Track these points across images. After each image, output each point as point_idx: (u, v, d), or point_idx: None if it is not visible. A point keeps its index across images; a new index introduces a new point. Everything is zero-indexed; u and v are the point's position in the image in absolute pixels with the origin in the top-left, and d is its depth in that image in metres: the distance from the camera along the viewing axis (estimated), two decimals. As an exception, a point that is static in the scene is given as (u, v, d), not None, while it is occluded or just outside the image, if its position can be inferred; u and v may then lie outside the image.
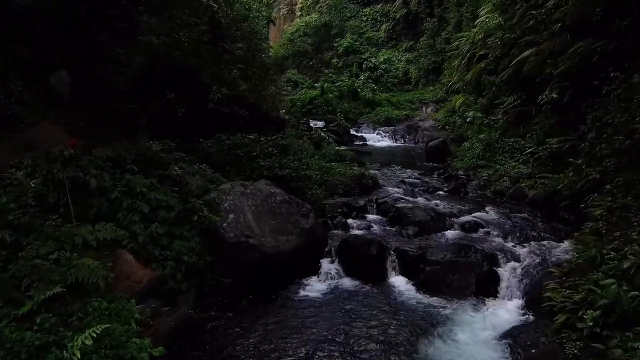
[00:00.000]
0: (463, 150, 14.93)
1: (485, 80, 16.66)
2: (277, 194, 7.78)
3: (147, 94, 10.81)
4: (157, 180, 6.74)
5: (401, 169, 13.71)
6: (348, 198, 10.22)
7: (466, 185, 11.48)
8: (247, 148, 8.94)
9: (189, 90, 11.43)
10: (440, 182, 12.25)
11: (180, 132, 10.93)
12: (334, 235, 8.17)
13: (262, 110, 13.91)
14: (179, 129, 10.94)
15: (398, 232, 8.37)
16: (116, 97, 9.81)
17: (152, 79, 10.88)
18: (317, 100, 25.67)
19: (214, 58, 12.83)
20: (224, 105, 11.89)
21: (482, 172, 12.42)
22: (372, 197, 10.35)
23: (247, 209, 7.40)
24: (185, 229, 6.48)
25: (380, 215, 9.35)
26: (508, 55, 14.96)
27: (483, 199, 10.67)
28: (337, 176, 10.98)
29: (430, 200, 10.22)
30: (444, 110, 22.46)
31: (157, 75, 11.04)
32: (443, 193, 11.04)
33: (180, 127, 10.98)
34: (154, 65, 10.98)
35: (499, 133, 13.32)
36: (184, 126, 10.80)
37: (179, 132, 10.83)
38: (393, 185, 11.71)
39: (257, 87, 15.27)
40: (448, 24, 29.25)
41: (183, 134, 10.95)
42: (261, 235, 7.14)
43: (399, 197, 10.39)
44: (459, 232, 8.42)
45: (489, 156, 13.09)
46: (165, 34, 11.14)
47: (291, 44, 37.19)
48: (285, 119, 15.64)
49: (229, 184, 7.82)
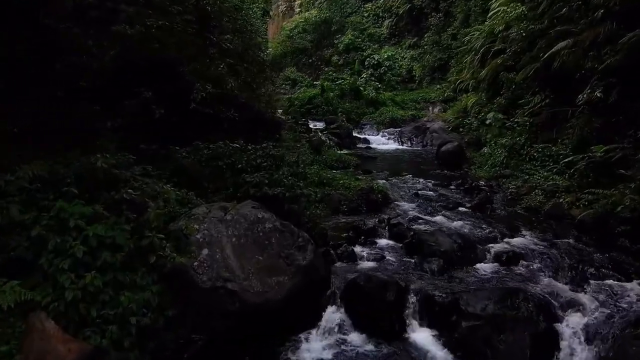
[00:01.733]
0: (482, 156, 13.24)
1: (503, 78, 14.98)
2: (266, 220, 6.08)
3: (119, 92, 9.28)
4: (104, 207, 5.05)
5: (412, 178, 12.02)
6: (354, 217, 8.53)
7: (492, 200, 9.78)
8: (230, 159, 7.25)
9: (168, 88, 9.84)
10: (459, 194, 10.55)
11: (158, 138, 9.42)
12: (338, 271, 6.48)
13: (254, 111, 12.24)
14: (155, 134, 9.44)
15: (418, 266, 6.67)
16: (77, 97, 8.20)
17: (126, 75, 9.32)
18: (316, 99, 24.04)
19: (198, 51, 11.16)
20: (208, 105, 10.31)
21: (508, 182, 10.73)
22: (383, 215, 8.65)
23: (226, 242, 5.70)
24: (139, 275, 4.78)
25: (394, 240, 7.66)
26: (532, 48, 13.28)
27: (514, 217, 8.98)
28: (341, 190, 9.30)
29: (453, 220, 8.52)
30: (453, 111, 20.82)
31: (131, 71, 9.49)
32: (465, 209, 9.34)
33: (158, 132, 9.49)
34: (129, 59, 9.42)
35: (524, 137, 11.62)
36: (163, 130, 9.34)
37: (156, 137, 9.34)
38: (405, 199, 10.02)
39: (250, 84, 13.62)
40: (455, 19, 27.80)
41: (161, 139, 9.44)
42: (244, 278, 5.45)
43: (414, 215, 8.70)
44: (495, 265, 6.72)
45: (514, 164, 11.40)
46: (141, 23, 9.51)
47: (290, 41, 35.79)
48: (281, 120, 13.96)
49: (204, 207, 6.12)
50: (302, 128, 17.60)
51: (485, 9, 23.50)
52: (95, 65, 9.46)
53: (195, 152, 7.42)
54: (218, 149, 7.35)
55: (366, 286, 5.73)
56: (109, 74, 9.46)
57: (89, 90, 8.79)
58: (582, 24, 10.34)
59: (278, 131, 13.68)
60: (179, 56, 10.31)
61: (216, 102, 10.66)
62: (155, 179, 6.73)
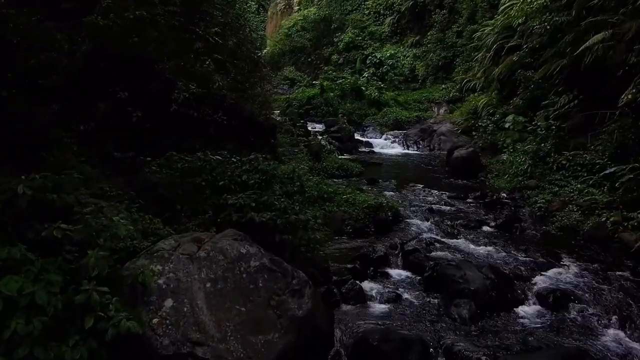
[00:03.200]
0: (501, 163, 11.89)
1: (519, 76, 13.65)
2: (252, 256, 4.73)
3: (90, 92, 8.07)
4: (27, 247, 3.69)
5: (424, 189, 10.67)
6: (360, 241, 7.18)
7: (519, 217, 8.43)
8: (211, 174, 5.90)
9: (146, 88, 8.59)
10: (479, 209, 9.20)
11: (135, 145, 8.16)
12: (344, 318, 5.14)
13: (245, 114, 10.89)
14: (132, 139, 8.18)
15: (443, 310, 5.32)
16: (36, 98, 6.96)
17: (99, 73, 8.08)
18: (316, 99, 22.70)
19: (182, 46, 9.83)
20: (192, 107, 8.99)
21: (534, 196, 9.37)
22: (395, 238, 7.31)
23: (198, 288, 4.35)
24: (70, 347, 3.42)
25: (410, 271, 6.32)
26: (554, 44, 11.95)
27: (548, 239, 7.63)
28: (344, 206, 7.95)
29: (477, 244, 7.19)
30: (461, 112, 19.51)
31: (105, 68, 8.26)
32: (490, 229, 8.01)
33: (135, 138, 8.23)
34: (104, 55, 8.20)
35: (551, 143, 10.28)
36: (141, 136, 7.88)
37: (133, 144, 8.09)
38: (419, 215, 8.67)
39: (242, 84, 12.27)
40: (460, 15, 26.62)
41: (139, 146, 8.17)
42: (220, 339, 4.10)
43: (431, 237, 7.36)
44: (539, 309, 5.37)
45: (540, 174, 10.04)
46: (117, 14, 8.27)
47: (288, 39, 34.61)
48: (275, 123, 12.61)
49: (172, 239, 4.77)
50: (300, 131, 16.27)
51: (494, 4, 22.23)
52: (64, 61, 8.24)
53: (169, 164, 6.05)
54: (196, 161, 5.99)
55: (381, 346, 4.37)
56: (79, 71, 8.26)
57: (54, 90, 7.57)
58: (621, 14, 9.00)
59: (273, 135, 12.33)
60: (157, 51, 9.03)
61: (201, 104, 9.35)
62: (115, 202, 5.40)
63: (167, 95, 8.65)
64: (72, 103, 8.17)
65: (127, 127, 8.23)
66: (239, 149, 10.76)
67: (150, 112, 8.55)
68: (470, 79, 22.10)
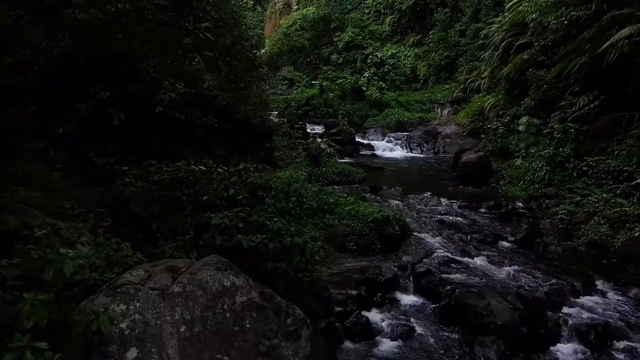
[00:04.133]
0: (514, 169, 11.07)
1: (531, 76, 12.86)
2: (238, 290, 3.91)
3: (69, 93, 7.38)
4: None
5: (431, 197, 9.85)
6: (365, 260, 6.36)
7: (541, 231, 7.60)
8: (194, 187, 5.08)
9: (129, 88, 7.87)
10: (495, 221, 8.37)
11: (117, 149, 7.49)
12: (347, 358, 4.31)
13: (239, 115, 10.08)
14: (114, 144, 7.50)
15: (466, 348, 4.50)
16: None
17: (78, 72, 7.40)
18: (315, 100, 21.90)
19: (170, 42, 9.06)
20: (178, 108, 8.24)
21: (554, 205, 8.56)
22: (404, 257, 6.49)
23: (169, 334, 3.54)
24: None
25: (423, 296, 5.51)
26: (568, 41, 11.17)
27: (577, 258, 6.80)
28: (347, 219, 7.13)
29: (498, 264, 6.37)
30: (466, 113, 18.75)
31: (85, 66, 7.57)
32: (509, 245, 7.19)
33: (117, 142, 7.55)
34: (84, 52, 7.52)
35: (570, 147, 9.46)
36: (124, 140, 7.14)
37: (115, 149, 7.43)
38: (429, 228, 7.85)
39: (236, 83, 11.47)
40: (463, 14, 25.95)
41: (121, 151, 7.49)
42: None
43: (444, 255, 6.55)
44: (579, 347, 4.54)
45: (559, 181, 9.23)
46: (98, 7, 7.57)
47: (287, 38, 33.87)
48: (272, 126, 11.79)
49: (142, 269, 3.95)
50: (298, 133, 15.48)
51: (499, 2, 21.47)
52: (43, 59, 7.56)
53: (145, 175, 5.22)
54: (177, 172, 5.16)
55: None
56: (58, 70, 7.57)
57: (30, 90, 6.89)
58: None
59: (269, 139, 11.53)
60: (143, 48, 8.27)
61: (189, 105, 8.57)
62: (79, 221, 4.60)
63: (152, 96, 7.92)
64: (50, 104, 7.46)
65: (109, 131, 7.52)
66: (232, 154, 9.97)
67: (134, 114, 7.83)
68: (475, 78, 21.35)
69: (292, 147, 14.03)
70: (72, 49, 7.44)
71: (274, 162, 11.55)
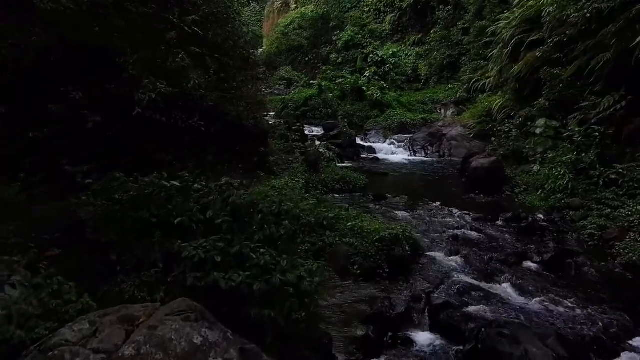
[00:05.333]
0: (530, 176, 10.15)
1: (545, 74, 11.97)
2: (211, 349, 3.00)
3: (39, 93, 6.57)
4: None
5: (441, 207, 8.95)
6: (372, 287, 5.45)
7: (570, 250, 6.68)
8: (165, 207, 4.15)
9: (105, 88, 7.04)
10: (516, 236, 7.45)
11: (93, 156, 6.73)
12: None
13: (229, 117, 9.18)
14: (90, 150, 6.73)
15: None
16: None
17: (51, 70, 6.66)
18: (313, 100, 21.00)
19: (151, 36, 8.17)
20: (160, 110, 7.38)
21: (581, 218, 7.66)
22: (417, 283, 5.59)
23: (115, 416, 2.61)
24: None
25: (443, 335, 4.61)
26: (590, 36, 10.27)
27: (617, 284, 5.89)
28: (349, 237, 6.21)
29: (527, 292, 5.46)
30: (472, 114, 17.84)
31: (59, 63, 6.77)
32: (536, 267, 6.28)
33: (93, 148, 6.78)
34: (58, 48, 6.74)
35: (594, 153, 8.57)
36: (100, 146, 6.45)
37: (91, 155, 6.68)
38: (441, 246, 6.94)
39: (228, 82, 10.56)
40: (466, 11, 25.06)
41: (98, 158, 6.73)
42: None
43: (464, 282, 5.65)
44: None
45: (584, 190, 8.34)
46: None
47: (285, 38, 33.01)
48: (266, 128, 10.89)
49: (87, 321, 3.03)
50: (295, 135, 14.55)
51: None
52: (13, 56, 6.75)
53: (106, 192, 4.30)
54: (144, 188, 4.23)
55: None
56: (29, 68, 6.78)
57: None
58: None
59: (263, 142, 10.62)
60: (123, 42, 7.44)
61: (173, 106, 7.69)
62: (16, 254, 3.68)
63: (130, 96, 7.06)
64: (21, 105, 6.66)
65: (84, 135, 6.70)
66: (222, 160, 9.06)
67: (112, 116, 6.99)
68: (479, 78, 20.54)
69: (289, 151, 13.13)
70: (45, 44, 6.61)
71: (268, 168, 10.64)
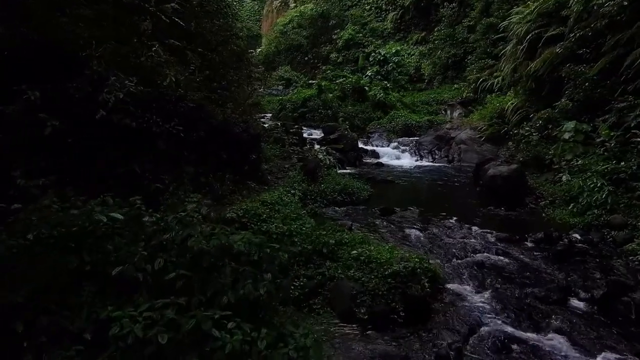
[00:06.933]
0: (558, 186, 8.95)
1: (568, 72, 10.82)
2: None
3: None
4: None
5: (458, 224, 7.77)
6: (383, 338, 4.27)
7: (625, 283, 5.49)
8: (101, 250, 2.95)
9: (66, 86, 5.92)
10: (551, 263, 6.23)
11: (51, 166, 5.61)
12: None
13: (214, 121, 8.01)
14: (49, 159, 5.65)
15: None
16: None
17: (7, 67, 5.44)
18: (312, 101, 19.87)
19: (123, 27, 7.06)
20: (130, 113, 6.29)
21: (626, 240, 6.48)
22: (441, 332, 4.40)
23: None
24: None
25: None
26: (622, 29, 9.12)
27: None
28: (354, 269, 5.02)
29: (582, 346, 4.29)
30: (481, 115, 16.71)
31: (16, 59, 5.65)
32: (586, 307, 5.08)
33: (52, 156, 5.71)
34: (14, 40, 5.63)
35: (637, 162, 7.41)
36: (62, 155, 5.49)
37: (50, 165, 5.59)
38: (465, 278, 5.73)
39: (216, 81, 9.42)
40: (472, 8, 24.00)
41: (59, 168, 5.60)
42: None
43: (500, 330, 4.47)
44: None
45: (626, 205, 7.17)
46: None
47: (284, 37, 31.98)
48: (259, 133, 9.72)
49: None
50: (293, 139, 13.37)
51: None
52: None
53: (22, 227, 3.09)
54: (72, 222, 3.02)
55: None
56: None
57: None
58: None
59: (255, 149, 9.43)
60: (85, 32, 6.35)
61: (145, 108, 6.54)
62: None
63: (93, 96, 5.95)
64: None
65: (42, 142, 5.60)
66: (204, 171, 7.88)
67: (73, 120, 5.87)
68: (487, 77, 19.44)
69: (285, 157, 11.96)
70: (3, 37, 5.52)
71: (261, 178, 9.45)
